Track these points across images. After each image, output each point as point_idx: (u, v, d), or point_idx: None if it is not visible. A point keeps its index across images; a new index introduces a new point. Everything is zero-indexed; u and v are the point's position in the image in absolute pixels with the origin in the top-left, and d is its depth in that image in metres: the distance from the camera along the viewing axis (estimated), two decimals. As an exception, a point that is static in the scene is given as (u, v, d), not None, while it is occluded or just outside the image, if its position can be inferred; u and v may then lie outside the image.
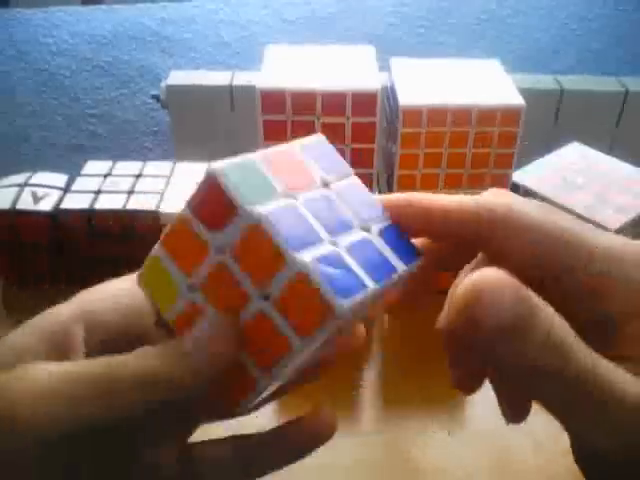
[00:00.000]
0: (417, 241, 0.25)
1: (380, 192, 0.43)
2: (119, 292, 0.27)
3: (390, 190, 0.44)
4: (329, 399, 0.34)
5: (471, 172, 0.42)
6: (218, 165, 0.21)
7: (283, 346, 0.22)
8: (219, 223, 0.22)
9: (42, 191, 0.45)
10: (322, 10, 1.35)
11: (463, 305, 0.20)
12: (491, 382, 0.25)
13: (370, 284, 0.21)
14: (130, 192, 0.45)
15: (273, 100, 0.38)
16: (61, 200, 0.44)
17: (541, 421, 0.37)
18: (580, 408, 0.20)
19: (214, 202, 0.22)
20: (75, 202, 0.44)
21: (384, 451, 0.33)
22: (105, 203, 0.44)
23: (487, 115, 0.40)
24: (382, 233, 0.24)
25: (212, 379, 0.22)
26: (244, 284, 0.22)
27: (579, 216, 0.41)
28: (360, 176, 0.41)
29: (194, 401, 0.23)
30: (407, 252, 0.24)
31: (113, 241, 0.44)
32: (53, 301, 0.27)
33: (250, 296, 0.22)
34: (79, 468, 0.22)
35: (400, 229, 0.24)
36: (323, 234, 0.22)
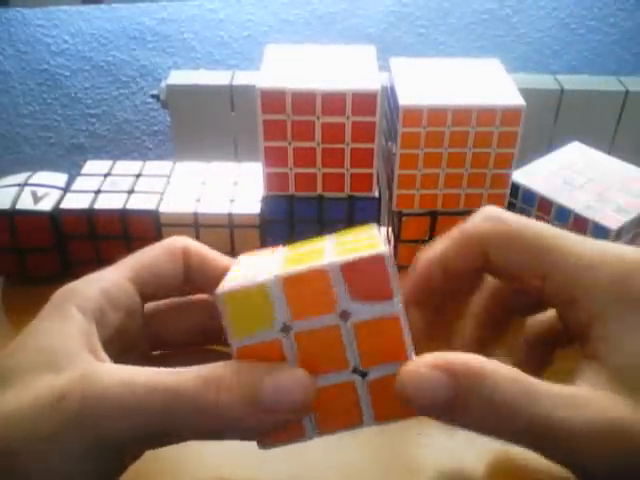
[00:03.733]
0: None
1: (380, 192, 0.43)
2: (116, 291, 0.26)
3: (390, 190, 0.44)
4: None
5: (471, 172, 0.42)
6: (385, 249, 0.22)
7: (355, 418, 0.24)
8: (367, 297, 0.22)
9: (42, 191, 0.45)
10: (322, 10, 1.35)
11: (400, 391, 0.22)
12: None
13: None
14: (130, 192, 0.45)
15: (273, 100, 0.38)
16: (61, 200, 0.44)
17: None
18: (547, 450, 0.22)
19: (374, 279, 0.22)
20: (75, 202, 0.44)
21: (384, 451, 0.33)
22: (105, 203, 0.44)
23: (487, 115, 0.40)
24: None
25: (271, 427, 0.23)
26: (349, 356, 0.23)
27: (579, 216, 0.41)
28: (360, 175, 0.42)
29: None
30: None
31: (113, 241, 0.44)
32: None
33: (348, 367, 0.23)
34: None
35: None
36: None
